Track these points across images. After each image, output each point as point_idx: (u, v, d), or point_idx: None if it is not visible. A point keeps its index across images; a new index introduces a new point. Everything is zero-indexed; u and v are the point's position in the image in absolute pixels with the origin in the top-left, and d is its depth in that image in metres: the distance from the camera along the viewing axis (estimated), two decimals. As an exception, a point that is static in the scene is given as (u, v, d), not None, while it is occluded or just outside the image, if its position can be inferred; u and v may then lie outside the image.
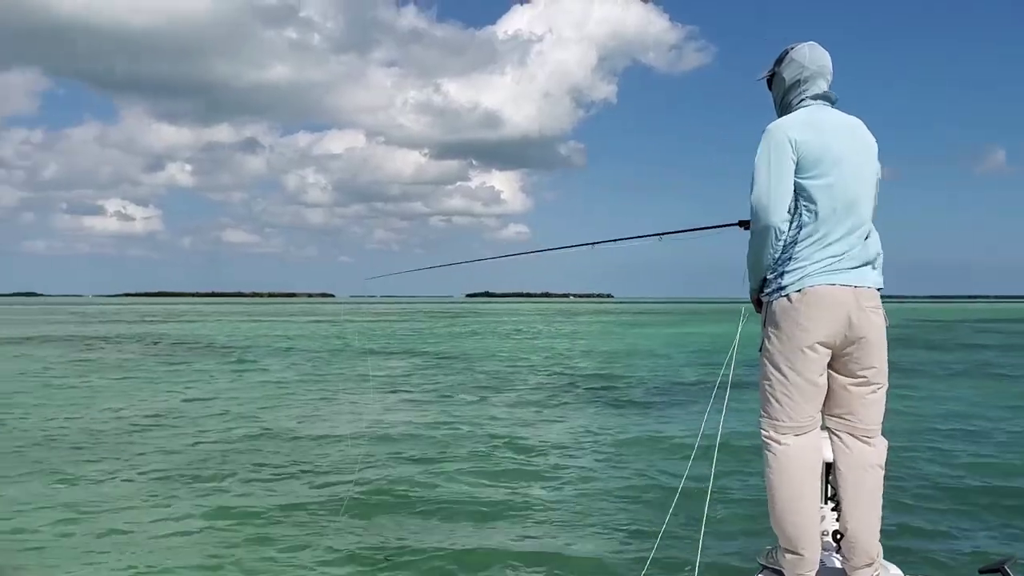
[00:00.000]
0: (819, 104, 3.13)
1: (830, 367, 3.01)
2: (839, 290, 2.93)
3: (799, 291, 2.94)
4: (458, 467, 9.25)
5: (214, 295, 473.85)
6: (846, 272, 2.95)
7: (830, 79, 3.16)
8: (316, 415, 13.59)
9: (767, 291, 3.07)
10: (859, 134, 3.12)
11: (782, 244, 3.01)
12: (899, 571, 3.12)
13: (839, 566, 3.08)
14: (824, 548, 3.12)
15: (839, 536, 3.06)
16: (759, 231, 3.03)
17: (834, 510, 3.10)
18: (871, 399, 3.03)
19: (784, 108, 3.21)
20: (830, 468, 3.12)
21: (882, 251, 3.08)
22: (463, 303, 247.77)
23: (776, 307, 3.00)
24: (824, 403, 3.04)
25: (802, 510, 2.96)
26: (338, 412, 13.88)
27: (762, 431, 3.04)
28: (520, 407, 14.66)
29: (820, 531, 3.05)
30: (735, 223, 3.48)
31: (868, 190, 3.06)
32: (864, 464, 3.01)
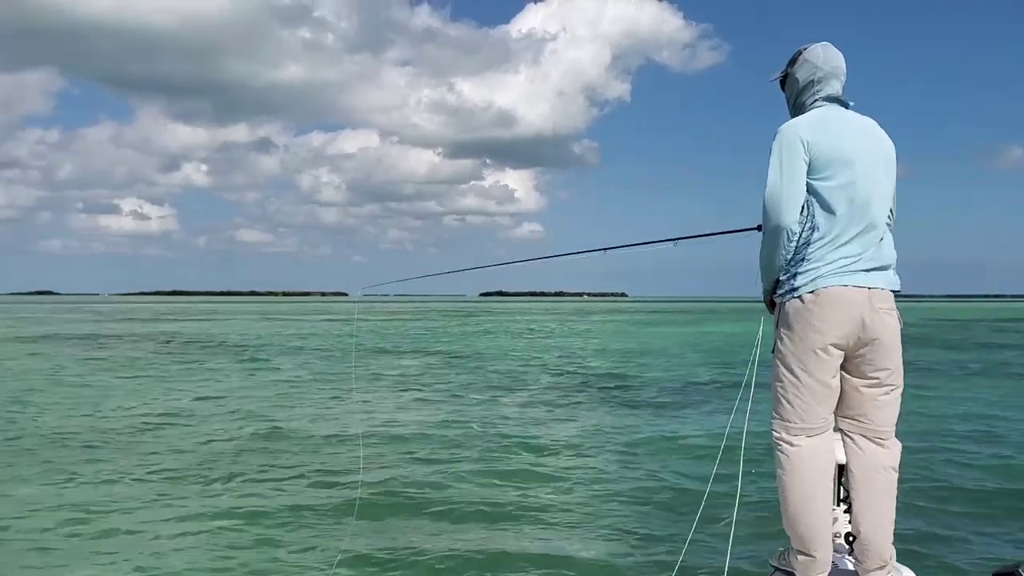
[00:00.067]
0: (833, 105, 3.11)
1: (843, 368, 3.00)
2: (852, 291, 2.91)
3: (812, 292, 2.93)
4: (469, 468, 9.23)
5: (228, 294, 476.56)
6: (860, 274, 2.94)
7: (844, 80, 3.15)
8: (327, 414, 13.61)
9: (780, 292, 3.07)
10: (873, 135, 3.10)
11: (794, 245, 3.00)
12: (912, 574, 3.11)
13: (851, 568, 3.08)
14: (836, 550, 3.12)
15: (851, 538, 3.06)
16: (771, 232, 3.03)
17: (847, 512, 3.09)
18: (885, 401, 3.01)
19: (797, 109, 3.20)
20: (843, 470, 3.10)
21: (895, 253, 3.06)
22: (477, 302, 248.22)
23: (789, 308, 2.99)
24: (837, 404, 3.04)
25: (814, 512, 2.96)
26: (349, 411, 13.90)
27: (774, 432, 3.04)
28: (532, 407, 14.64)
29: (832, 533, 3.05)
30: (754, 227, 3.42)
31: (882, 191, 3.03)
32: (877, 466, 2.99)
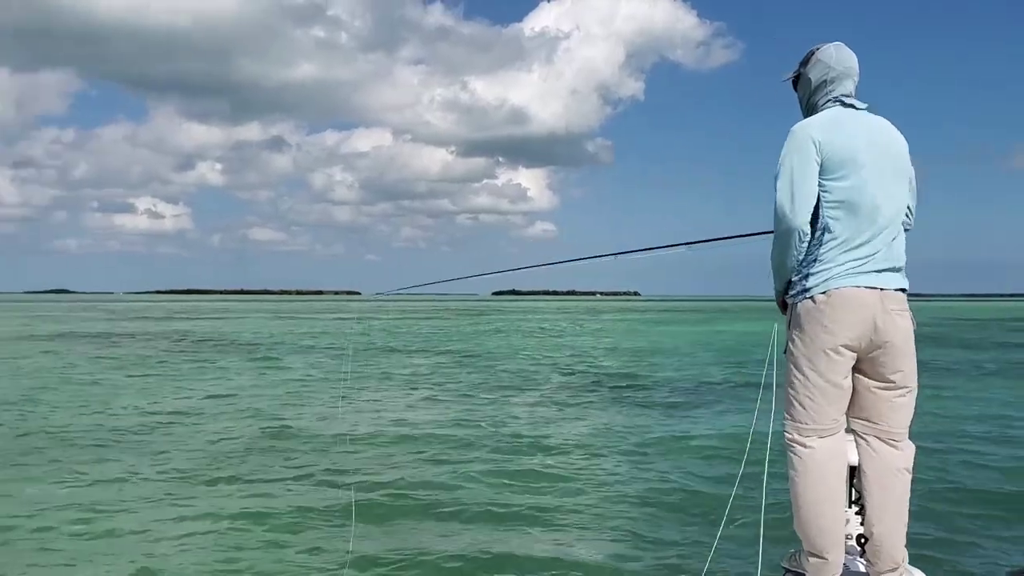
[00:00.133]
0: (845, 106, 3.09)
1: (857, 370, 2.99)
2: (864, 292, 2.90)
3: (824, 293, 2.92)
4: (479, 468, 9.20)
5: (242, 293, 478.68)
6: (872, 275, 2.93)
7: (857, 80, 3.14)
8: (336, 413, 13.61)
9: (792, 293, 3.06)
10: (886, 135, 3.08)
11: (806, 246, 2.99)
12: None
13: (863, 571, 3.07)
14: (848, 552, 3.10)
15: (864, 540, 3.04)
16: (782, 233, 3.01)
17: (858, 514, 3.07)
18: (898, 403, 2.99)
19: (810, 109, 3.19)
20: (855, 471, 3.08)
21: (906, 255, 3.05)
22: (489, 301, 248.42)
23: (801, 309, 2.98)
24: (850, 406, 3.03)
25: (826, 513, 2.95)
26: (359, 411, 13.90)
27: (786, 433, 3.04)
28: (543, 406, 14.61)
29: (844, 535, 3.03)
30: (769, 232, 3.37)
31: (896, 192, 3.02)
32: (891, 468, 2.97)
